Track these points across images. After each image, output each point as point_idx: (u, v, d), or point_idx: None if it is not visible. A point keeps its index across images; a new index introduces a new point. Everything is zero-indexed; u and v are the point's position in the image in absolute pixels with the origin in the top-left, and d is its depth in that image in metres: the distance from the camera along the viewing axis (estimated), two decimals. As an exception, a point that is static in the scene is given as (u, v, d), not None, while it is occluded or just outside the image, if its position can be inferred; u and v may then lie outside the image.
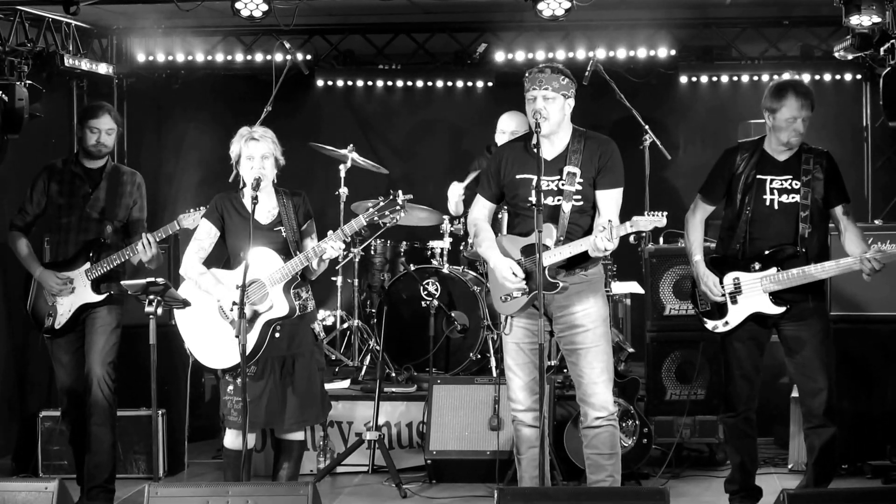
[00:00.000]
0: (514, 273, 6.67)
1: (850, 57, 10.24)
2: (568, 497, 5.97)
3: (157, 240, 7.77)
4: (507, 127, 9.63)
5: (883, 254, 7.00)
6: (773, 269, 7.18)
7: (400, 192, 7.13)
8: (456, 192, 10.05)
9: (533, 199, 6.48)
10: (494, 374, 9.31)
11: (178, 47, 11.58)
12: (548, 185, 6.67)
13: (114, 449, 8.06)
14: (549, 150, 6.75)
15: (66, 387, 8.04)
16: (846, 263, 7.11)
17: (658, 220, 6.38)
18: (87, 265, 7.91)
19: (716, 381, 8.68)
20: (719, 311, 7.38)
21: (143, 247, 7.72)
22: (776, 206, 7.24)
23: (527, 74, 6.77)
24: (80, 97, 11.66)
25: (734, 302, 7.32)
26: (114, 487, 8.06)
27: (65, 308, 7.93)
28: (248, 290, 6.95)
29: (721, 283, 7.34)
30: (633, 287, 9.61)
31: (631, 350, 9.46)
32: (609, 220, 6.40)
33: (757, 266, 7.23)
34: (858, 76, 11.33)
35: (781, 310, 7.20)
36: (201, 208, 7.66)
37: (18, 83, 9.06)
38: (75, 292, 7.92)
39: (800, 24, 11.11)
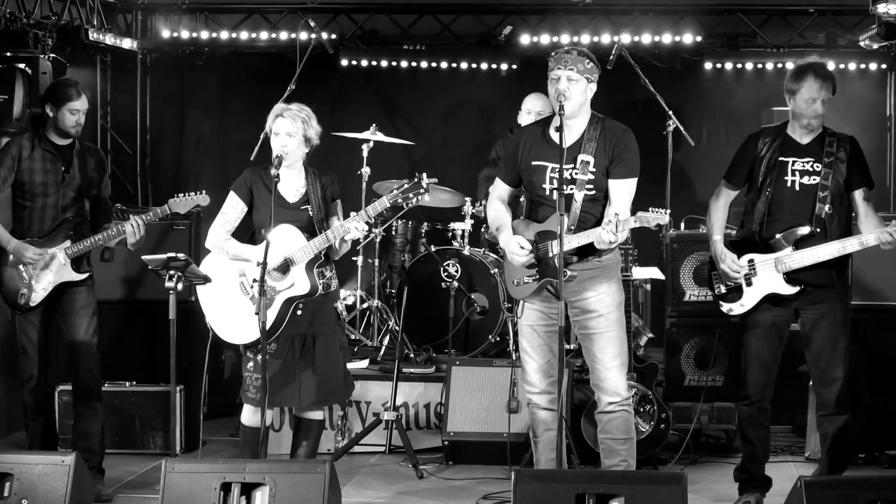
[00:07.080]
0: (521, 246, 6.67)
1: (875, 46, 10.23)
2: (585, 479, 5.97)
3: (146, 222, 7.70)
4: (533, 107, 9.60)
5: None
6: (788, 249, 7.16)
7: (425, 174, 7.11)
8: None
9: (547, 186, 6.57)
10: (514, 357, 9.30)
11: (202, 24, 11.59)
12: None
13: (102, 432, 7.96)
14: (566, 136, 6.65)
15: (37, 363, 7.86)
16: (852, 243, 7.06)
17: (661, 217, 6.34)
18: (68, 242, 7.75)
19: (734, 368, 8.66)
20: (735, 293, 7.38)
21: (132, 229, 7.64)
22: (797, 188, 7.20)
23: (552, 54, 6.74)
24: (104, 71, 11.73)
25: (749, 284, 7.29)
26: (104, 468, 7.98)
27: (42, 285, 7.74)
28: (269, 267, 6.98)
29: None
30: (654, 272, 9.60)
31: (650, 335, 9.46)
32: (616, 214, 6.39)
33: (772, 246, 7.22)
34: (884, 66, 11.30)
35: (795, 290, 7.17)
36: (190, 194, 7.70)
37: (42, 56, 9.07)
38: (55, 270, 7.74)
39: (826, 13, 11.09)
